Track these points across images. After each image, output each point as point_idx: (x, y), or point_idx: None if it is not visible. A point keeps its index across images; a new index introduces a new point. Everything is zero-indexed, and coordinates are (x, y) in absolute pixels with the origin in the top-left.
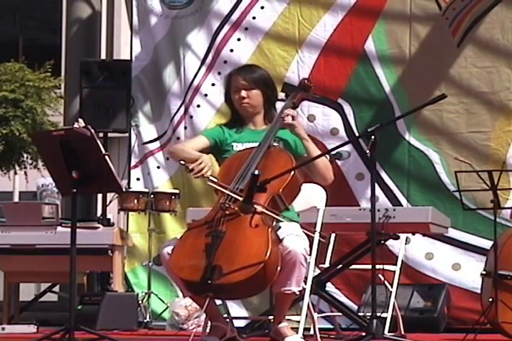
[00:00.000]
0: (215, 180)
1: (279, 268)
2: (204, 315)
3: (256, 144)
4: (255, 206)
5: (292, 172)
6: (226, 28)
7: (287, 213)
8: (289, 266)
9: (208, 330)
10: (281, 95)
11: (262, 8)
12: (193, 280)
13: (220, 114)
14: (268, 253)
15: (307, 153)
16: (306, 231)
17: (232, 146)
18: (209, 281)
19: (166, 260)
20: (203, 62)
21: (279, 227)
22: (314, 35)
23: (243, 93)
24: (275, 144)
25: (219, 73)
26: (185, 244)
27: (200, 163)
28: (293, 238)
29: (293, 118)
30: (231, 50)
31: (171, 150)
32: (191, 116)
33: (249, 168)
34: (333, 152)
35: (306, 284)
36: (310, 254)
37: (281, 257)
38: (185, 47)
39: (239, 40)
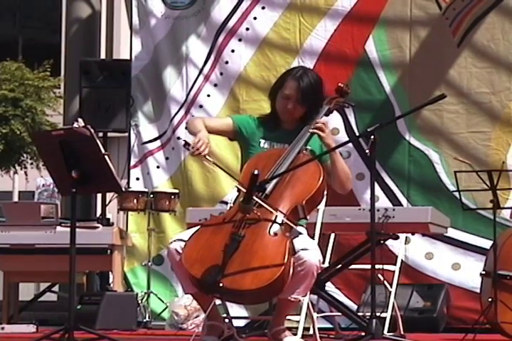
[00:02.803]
0: (212, 160)
1: (289, 279)
2: (203, 315)
3: (284, 146)
4: (277, 215)
5: (319, 183)
6: (227, 28)
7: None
8: (301, 276)
9: (205, 330)
10: None
11: (263, 8)
12: (203, 279)
13: (222, 115)
14: (283, 267)
15: (331, 163)
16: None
17: (260, 143)
18: (221, 284)
19: (174, 257)
20: (205, 63)
21: (298, 234)
22: (315, 36)
23: (290, 104)
24: (304, 152)
25: (221, 74)
26: (199, 240)
27: (198, 141)
28: (311, 249)
29: (322, 128)
30: (232, 51)
31: (188, 121)
32: (193, 116)
33: (277, 171)
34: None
35: None
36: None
37: (293, 266)
38: (187, 48)
39: (240, 40)
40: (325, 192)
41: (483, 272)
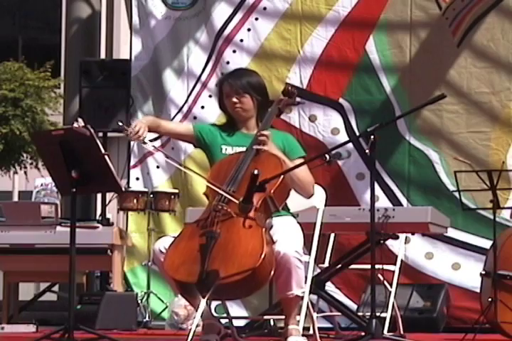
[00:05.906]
0: (151, 144)
1: (273, 268)
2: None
3: (244, 148)
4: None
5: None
6: (229, 28)
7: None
8: (286, 271)
9: (202, 329)
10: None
11: (265, 9)
12: (189, 283)
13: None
14: (262, 256)
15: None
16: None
17: (222, 149)
18: (207, 281)
19: (158, 257)
20: (206, 64)
21: (272, 226)
22: (316, 36)
23: (234, 99)
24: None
25: (222, 74)
26: (178, 246)
27: (135, 126)
28: (285, 242)
29: (264, 142)
30: (234, 51)
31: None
32: (195, 117)
33: (239, 170)
34: (333, 152)
35: (305, 284)
36: (309, 254)
37: (275, 260)
38: (188, 49)
39: (241, 41)
40: (290, 187)
41: (483, 272)
